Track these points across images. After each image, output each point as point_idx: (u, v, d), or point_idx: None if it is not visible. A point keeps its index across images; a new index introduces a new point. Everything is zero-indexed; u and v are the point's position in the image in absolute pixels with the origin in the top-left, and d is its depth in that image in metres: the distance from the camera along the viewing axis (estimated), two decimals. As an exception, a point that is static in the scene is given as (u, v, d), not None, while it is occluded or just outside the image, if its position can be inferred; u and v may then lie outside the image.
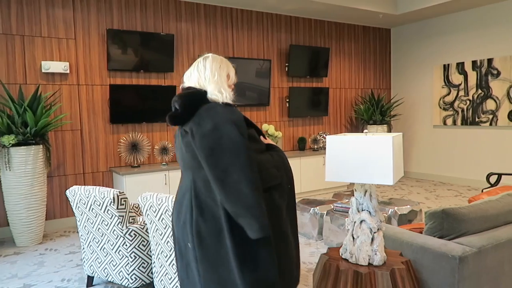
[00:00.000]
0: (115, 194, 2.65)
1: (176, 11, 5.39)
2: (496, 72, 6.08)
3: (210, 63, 1.68)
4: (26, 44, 4.49)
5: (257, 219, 1.36)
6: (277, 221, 1.51)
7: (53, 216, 4.70)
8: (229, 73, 1.72)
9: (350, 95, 7.20)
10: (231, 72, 1.74)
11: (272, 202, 1.49)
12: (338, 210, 3.83)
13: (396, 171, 1.77)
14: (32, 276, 3.32)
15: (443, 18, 6.73)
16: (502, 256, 2.01)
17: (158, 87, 5.20)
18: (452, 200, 5.58)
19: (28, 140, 4.05)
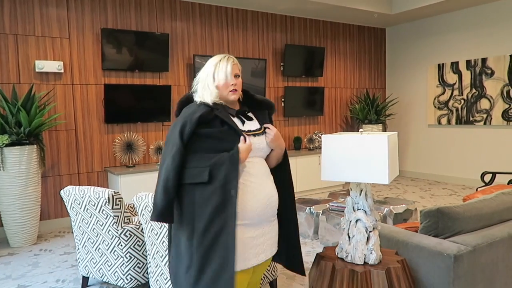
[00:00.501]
0: (110, 194, 2.64)
1: (171, 10, 5.38)
2: (490, 71, 6.11)
3: (204, 66, 1.79)
4: (20, 43, 4.46)
5: (154, 205, 1.59)
6: (201, 217, 1.54)
7: (47, 216, 4.67)
8: (214, 74, 1.71)
9: (345, 94, 7.22)
10: (216, 73, 1.71)
11: (192, 198, 1.57)
12: (333, 209, 3.84)
13: (392, 170, 1.77)
14: (27, 277, 3.29)
15: (438, 17, 6.77)
16: (496, 255, 2.02)
17: (153, 87, 5.18)
18: (447, 199, 5.61)
19: (22, 140, 4.02)
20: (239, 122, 1.74)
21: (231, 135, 1.64)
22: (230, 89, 1.71)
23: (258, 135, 1.75)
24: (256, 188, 1.67)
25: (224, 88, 1.71)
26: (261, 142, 1.75)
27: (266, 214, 1.70)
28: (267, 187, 1.72)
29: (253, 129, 1.76)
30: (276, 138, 1.76)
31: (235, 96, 1.73)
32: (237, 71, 1.75)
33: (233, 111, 1.75)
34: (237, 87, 1.73)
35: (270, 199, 1.71)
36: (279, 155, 1.82)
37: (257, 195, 1.66)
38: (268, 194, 1.71)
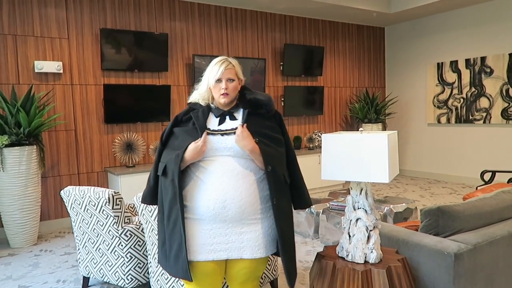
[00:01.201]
0: (110, 194, 2.64)
1: (170, 10, 5.37)
2: (489, 70, 6.12)
3: None
4: (19, 43, 4.46)
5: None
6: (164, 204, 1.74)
7: (47, 217, 4.67)
8: (207, 77, 1.81)
9: (345, 93, 7.22)
10: (208, 75, 1.80)
11: (161, 187, 1.77)
12: (334, 208, 3.84)
13: (392, 169, 1.77)
14: (27, 277, 3.29)
15: (437, 16, 6.77)
16: (497, 253, 2.02)
17: (153, 87, 5.18)
18: (447, 198, 5.62)
19: (21, 141, 4.02)
20: (216, 122, 1.78)
21: (195, 134, 1.72)
22: (221, 92, 1.76)
23: (227, 135, 1.73)
24: (210, 187, 1.68)
25: (216, 91, 1.78)
26: (228, 141, 1.72)
27: (223, 215, 1.67)
28: (228, 188, 1.67)
29: (228, 128, 1.75)
30: (239, 139, 1.68)
31: (226, 99, 1.77)
32: (230, 75, 1.76)
33: (219, 112, 1.80)
34: (228, 91, 1.75)
35: (228, 201, 1.66)
36: (255, 159, 1.71)
37: (210, 193, 1.68)
38: (225, 195, 1.66)
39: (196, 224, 1.71)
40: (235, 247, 1.70)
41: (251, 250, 1.71)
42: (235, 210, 1.68)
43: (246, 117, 1.77)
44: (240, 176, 1.69)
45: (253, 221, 1.72)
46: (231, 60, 1.81)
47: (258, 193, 1.72)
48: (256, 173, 1.73)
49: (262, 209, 1.73)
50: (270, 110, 1.82)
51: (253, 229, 1.72)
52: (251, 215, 1.71)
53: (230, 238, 1.70)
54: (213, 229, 1.70)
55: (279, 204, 1.72)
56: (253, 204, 1.70)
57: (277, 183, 1.72)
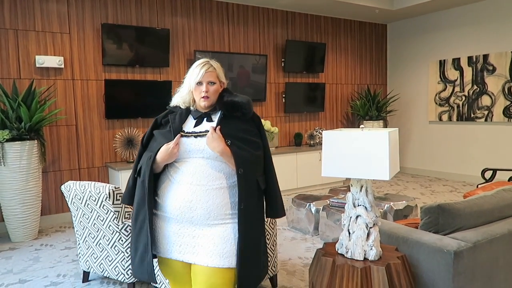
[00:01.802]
0: (111, 189, 2.64)
1: (171, 6, 5.36)
2: (492, 68, 6.10)
3: None
4: (20, 38, 4.45)
5: None
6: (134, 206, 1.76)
7: (48, 211, 4.69)
8: (188, 79, 1.81)
9: (346, 90, 7.20)
10: (188, 78, 1.81)
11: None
12: (334, 205, 3.84)
13: (392, 166, 1.77)
14: (28, 271, 3.31)
15: (439, 13, 6.74)
16: (496, 251, 2.02)
17: (154, 82, 5.17)
18: (448, 196, 5.62)
19: (22, 135, 4.02)
20: (193, 124, 1.77)
21: (170, 136, 1.72)
22: (201, 95, 1.75)
23: (200, 137, 1.71)
24: (179, 186, 1.68)
25: (197, 94, 1.77)
26: (201, 143, 1.70)
27: (189, 215, 1.66)
28: (197, 188, 1.65)
29: (202, 130, 1.73)
30: (209, 141, 1.66)
31: (206, 103, 1.75)
32: (211, 78, 1.74)
33: (197, 114, 1.79)
34: (209, 94, 1.74)
35: (194, 201, 1.65)
36: (227, 161, 1.68)
37: (178, 192, 1.68)
38: (192, 195, 1.65)
39: (166, 222, 1.72)
40: (203, 251, 1.65)
41: (219, 257, 1.64)
42: (201, 212, 1.65)
43: (221, 120, 1.74)
44: (210, 178, 1.67)
45: (221, 226, 1.66)
46: (213, 63, 1.79)
47: (229, 197, 1.68)
48: (230, 177, 1.70)
49: (231, 214, 1.68)
50: (246, 113, 1.76)
51: (222, 234, 1.66)
52: (219, 219, 1.66)
53: (198, 241, 1.66)
54: (181, 229, 1.69)
55: (247, 210, 1.65)
56: (222, 207, 1.66)
57: (248, 188, 1.67)
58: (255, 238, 1.72)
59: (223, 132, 1.69)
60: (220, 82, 1.79)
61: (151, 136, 1.82)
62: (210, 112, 1.79)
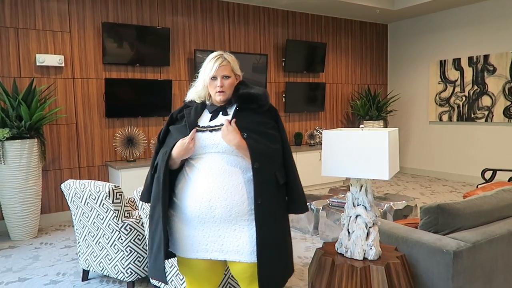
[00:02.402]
0: (111, 188, 2.64)
1: (172, 5, 5.36)
2: (492, 68, 6.09)
3: None
4: (20, 37, 4.45)
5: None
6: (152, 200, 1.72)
7: (48, 210, 4.69)
8: (202, 73, 1.76)
9: (346, 90, 7.20)
10: (203, 72, 1.76)
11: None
12: (334, 205, 3.84)
13: (392, 166, 1.77)
14: (27, 270, 3.31)
15: (440, 14, 6.73)
16: (496, 251, 2.02)
17: (154, 81, 5.17)
18: (447, 196, 5.62)
19: (22, 134, 4.02)
20: (208, 118, 1.73)
21: (186, 131, 1.69)
22: (216, 90, 1.70)
23: (215, 131, 1.67)
24: (196, 185, 1.64)
25: (212, 89, 1.72)
26: (216, 137, 1.65)
27: (210, 214, 1.62)
28: (214, 186, 1.61)
29: (217, 124, 1.69)
30: (224, 134, 1.62)
31: (221, 97, 1.71)
32: (225, 72, 1.70)
33: (212, 108, 1.75)
34: (224, 89, 1.70)
35: (213, 200, 1.61)
36: (243, 155, 1.63)
37: (195, 192, 1.64)
38: (210, 194, 1.61)
39: (188, 223, 1.67)
40: (232, 250, 1.63)
41: (249, 254, 1.62)
42: (222, 210, 1.61)
43: (237, 112, 1.70)
44: (226, 174, 1.63)
45: (245, 222, 1.63)
46: (226, 55, 1.74)
47: (248, 192, 1.62)
48: (247, 171, 1.65)
49: (253, 210, 1.63)
50: (262, 105, 1.72)
51: (248, 231, 1.62)
52: (241, 215, 1.62)
53: (225, 240, 1.64)
54: (205, 229, 1.65)
55: (264, 205, 1.60)
56: (242, 203, 1.62)
57: (265, 182, 1.62)
58: (276, 235, 1.65)
59: (238, 125, 1.64)
60: (235, 75, 1.74)
61: (167, 132, 1.78)
62: (226, 106, 1.74)
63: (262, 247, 1.59)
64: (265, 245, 1.60)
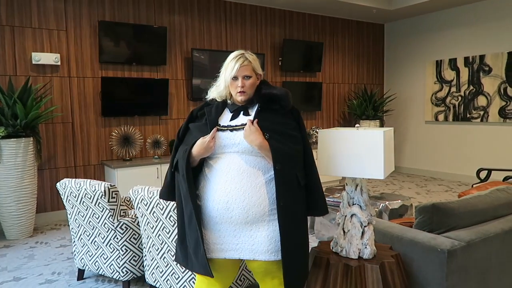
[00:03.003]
0: (106, 187, 2.64)
1: (169, 4, 5.35)
2: (488, 68, 6.12)
3: None
4: (16, 35, 4.43)
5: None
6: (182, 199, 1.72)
7: (43, 209, 4.67)
8: (223, 73, 1.75)
9: (343, 90, 7.21)
10: (224, 72, 1.74)
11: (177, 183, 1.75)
12: (329, 204, 3.85)
13: (387, 166, 1.78)
14: (22, 269, 3.30)
15: (437, 14, 6.76)
16: (490, 250, 2.03)
17: (151, 80, 5.17)
18: (443, 195, 5.64)
19: (18, 132, 4.01)
20: (229, 117, 1.73)
21: (206, 129, 1.69)
22: (237, 90, 1.70)
23: (236, 130, 1.67)
24: (215, 187, 1.65)
25: (233, 89, 1.72)
26: (236, 137, 1.66)
27: (227, 216, 1.63)
28: (232, 187, 1.62)
29: (238, 124, 1.69)
30: (247, 134, 1.61)
31: (243, 97, 1.71)
32: (246, 72, 1.70)
33: (233, 107, 1.75)
34: (245, 89, 1.69)
35: (230, 202, 1.61)
36: (265, 156, 1.63)
37: (214, 194, 1.65)
38: (228, 196, 1.62)
39: (205, 224, 1.68)
40: (246, 248, 1.64)
41: (264, 253, 1.63)
42: (239, 211, 1.61)
43: (259, 113, 1.69)
44: (245, 175, 1.62)
45: (262, 223, 1.63)
46: (248, 55, 1.73)
47: (266, 193, 1.62)
48: (266, 172, 1.64)
49: (271, 210, 1.63)
50: (285, 106, 1.71)
51: (264, 231, 1.63)
52: (258, 217, 1.62)
53: (240, 239, 1.64)
54: (221, 230, 1.66)
55: (287, 207, 1.60)
56: (259, 205, 1.61)
57: (286, 183, 1.61)
58: (298, 236, 1.67)
59: (260, 125, 1.64)
60: (256, 74, 1.74)
61: (187, 129, 1.78)
62: (247, 106, 1.74)
63: (287, 249, 1.61)
64: (290, 248, 1.62)
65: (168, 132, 5.43)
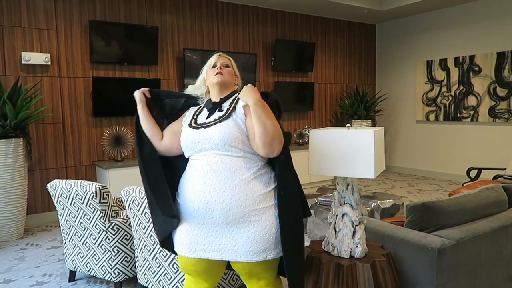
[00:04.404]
0: (97, 187, 2.62)
1: (160, 3, 5.32)
2: (478, 69, 6.19)
3: None
4: (5, 34, 4.38)
5: None
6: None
7: (34, 210, 4.63)
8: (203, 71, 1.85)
9: (335, 90, 7.25)
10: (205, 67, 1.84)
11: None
12: (322, 204, 3.87)
13: (378, 165, 1.79)
14: (13, 271, 3.26)
15: (427, 14, 6.82)
16: (479, 248, 2.06)
17: (142, 80, 5.14)
18: (434, 194, 5.69)
19: (8, 133, 3.96)
20: (205, 116, 1.75)
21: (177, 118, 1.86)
22: (214, 73, 1.75)
23: (209, 127, 1.67)
24: (194, 187, 1.65)
25: (211, 75, 1.76)
26: (209, 133, 1.64)
27: (208, 216, 1.62)
28: (211, 188, 1.61)
29: (211, 120, 1.69)
30: (245, 92, 1.64)
31: (219, 79, 1.73)
32: (225, 61, 1.80)
33: (209, 105, 1.76)
34: (222, 71, 1.75)
35: (210, 202, 1.60)
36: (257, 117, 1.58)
37: (193, 194, 1.64)
38: (207, 196, 1.61)
39: (188, 223, 1.68)
40: (228, 249, 1.63)
41: (246, 254, 1.62)
42: (219, 212, 1.60)
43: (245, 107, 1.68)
44: (223, 176, 1.61)
45: (243, 224, 1.61)
46: (227, 56, 1.84)
47: (246, 194, 1.60)
48: (245, 172, 1.62)
49: (252, 211, 1.61)
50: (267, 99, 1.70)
51: (246, 232, 1.61)
52: (239, 218, 1.60)
53: (222, 240, 1.63)
54: (203, 230, 1.65)
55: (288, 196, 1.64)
56: (239, 205, 1.60)
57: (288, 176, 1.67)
58: (298, 227, 1.67)
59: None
60: (235, 73, 1.82)
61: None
62: (221, 103, 1.75)
63: (289, 240, 1.62)
64: (291, 238, 1.63)
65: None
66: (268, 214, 1.63)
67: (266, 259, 1.63)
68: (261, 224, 1.62)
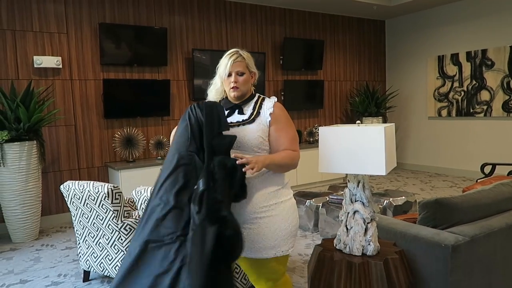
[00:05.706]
0: (109, 188, 2.64)
1: (168, 4, 5.35)
2: (490, 63, 6.09)
3: None
4: (18, 39, 4.45)
5: None
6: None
7: (48, 212, 4.69)
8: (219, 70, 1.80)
9: (345, 87, 7.20)
10: (218, 68, 1.81)
11: None
12: (333, 202, 3.85)
13: (389, 162, 1.77)
14: (29, 271, 3.32)
15: (437, 9, 6.73)
16: (494, 245, 2.02)
17: (152, 81, 5.17)
18: (447, 191, 5.62)
19: (21, 136, 4.03)
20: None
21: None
22: (230, 86, 1.75)
23: (231, 127, 1.72)
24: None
25: (226, 85, 1.77)
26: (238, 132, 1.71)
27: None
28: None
29: (233, 121, 1.76)
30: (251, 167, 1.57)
31: (235, 93, 1.75)
32: (240, 68, 1.75)
33: (228, 104, 1.80)
34: (238, 85, 1.74)
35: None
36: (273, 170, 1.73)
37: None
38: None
39: None
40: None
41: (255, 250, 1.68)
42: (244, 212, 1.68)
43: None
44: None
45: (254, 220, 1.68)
46: (242, 52, 1.79)
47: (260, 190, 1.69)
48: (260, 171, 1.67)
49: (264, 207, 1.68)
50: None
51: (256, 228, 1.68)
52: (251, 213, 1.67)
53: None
54: None
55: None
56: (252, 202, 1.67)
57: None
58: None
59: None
60: (250, 72, 1.79)
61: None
62: (241, 105, 1.79)
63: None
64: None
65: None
66: (278, 211, 1.67)
67: (275, 256, 1.66)
68: (271, 220, 1.66)
